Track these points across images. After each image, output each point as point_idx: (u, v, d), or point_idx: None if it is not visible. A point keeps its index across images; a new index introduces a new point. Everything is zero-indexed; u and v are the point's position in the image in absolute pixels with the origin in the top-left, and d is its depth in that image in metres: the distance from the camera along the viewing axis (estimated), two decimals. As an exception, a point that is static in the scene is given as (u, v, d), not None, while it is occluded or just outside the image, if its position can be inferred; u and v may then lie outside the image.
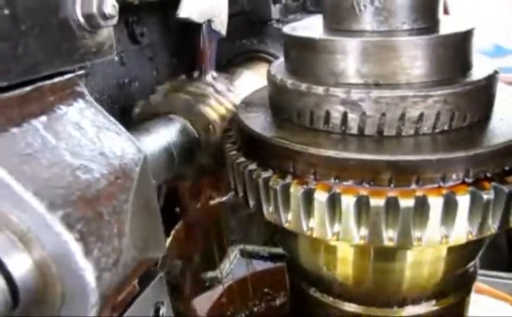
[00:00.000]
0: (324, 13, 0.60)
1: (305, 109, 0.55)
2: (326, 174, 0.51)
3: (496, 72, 0.56)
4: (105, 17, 0.43)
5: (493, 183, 0.49)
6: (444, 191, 0.48)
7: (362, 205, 0.49)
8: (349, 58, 0.53)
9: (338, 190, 0.49)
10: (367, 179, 0.49)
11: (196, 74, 0.75)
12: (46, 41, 0.39)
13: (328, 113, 0.53)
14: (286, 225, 0.53)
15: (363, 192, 0.49)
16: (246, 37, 1.03)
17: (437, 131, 0.52)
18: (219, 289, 1.68)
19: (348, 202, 0.49)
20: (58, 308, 0.39)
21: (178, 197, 0.85)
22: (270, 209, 0.54)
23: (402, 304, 0.63)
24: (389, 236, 0.49)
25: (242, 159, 0.58)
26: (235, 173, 0.59)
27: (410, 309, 0.64)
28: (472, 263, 0.65)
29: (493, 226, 0.50)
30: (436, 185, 0.49)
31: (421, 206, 0.48)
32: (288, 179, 0.52)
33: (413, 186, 0.49)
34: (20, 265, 0.36)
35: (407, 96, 0.50)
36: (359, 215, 0.49)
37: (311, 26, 0.60)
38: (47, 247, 0.35)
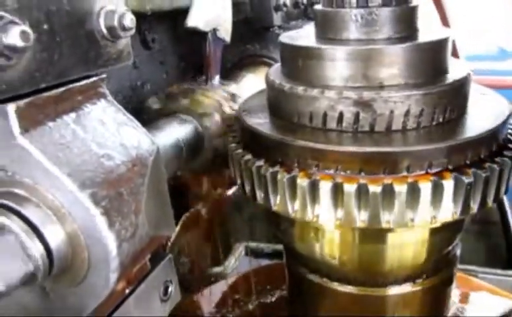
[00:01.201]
0: (322, 24, 0.67)
1: (318, 111, 0.60)
2: (329, 166, 0.57)
3: (469, 74, 0.63)
4: (124, 29, 0.50)
5: (473, 169, 0.56)
6: (431, 177, 0.55)
7: (363, 194, 0.55)
8: (356, 64, 0.60)
9: (339, 180, 0.56)
10: (364, 169, 0.56)
11: (202, 78, 0.82)
12: (76, 50, 0.47)
13: (341, 114, 0.59)
14: (293, 214, 0.59)
15: (362, 180, 0.55)
16: (250, 42, 1.10)
17: (422, 125, 0.59)
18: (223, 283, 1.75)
19: (349, 190, 0.55)
20: (84, 273, 0.47)
21: (186, 189, 0.92)
22: (278, 199, 0.60)
23: (388, 283, 0.70)
24: (386, 219, 0.56)
25: (244, 154, 0.64)
26: (236, 166, 0.66)
27: (396, 288, 0.70)
28: (452, 246, 0.72)
29: (473, 206, 0.57)
30: (424, 172, 0.56)
31: (413, 191, 0.55)
32: (295, 172, 0.58)
33: (404, 173, 0.56)
34: (55, 236, 0.43)
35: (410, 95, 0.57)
36: (358, 203, 0.56)
37: (304, 36, 0.67)
38: (77, 220, 0.43)
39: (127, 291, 0.58)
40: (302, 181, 0.57)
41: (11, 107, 0.40)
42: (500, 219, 1.98)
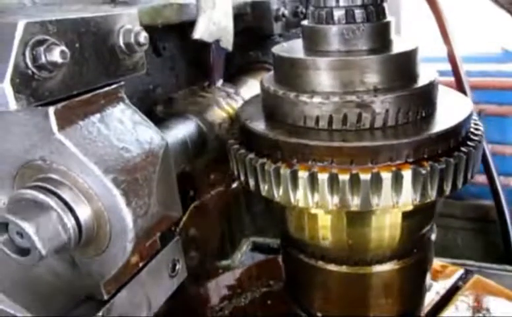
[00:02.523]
0: (309, 38, 0.76)
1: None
2: (322, 159, 0.66)
3: (436, 79, 0.73)
4: (139, 45, 0.61)
5: (430, 162, 0.65)
6: (393, 168, 0.64)
7: (334, 181, 0.65)
8: (338, 73, 0.69)
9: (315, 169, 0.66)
10: (336, 161, 0.65)
11: (207, 83, 0.93)
12: (100, 63, 0.57)
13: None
14: (294, 203, 0.67)
15: (334, 170, 0.65)
16: (252, 50, 1.20)
17: (389, 124, 0.68)
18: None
19: (323, 178, 0.65)
20: (106, 244, 0.57)
21: (192, 182, 1.02)
22: (281, 190, 0.68)
23: (370, 263, 0.79)
24: (355, 203, 0.65)
25: (242, 150, 0.74)
26: (236, 161, 0.75)
27: (378, 267, 0.80)
28: (425, 230, 0.81)
29: (431, 194, 0.66)
30: (386, 164, 0.65)
31: (376, 179, 0.64)
32: (296, 166, 0.67)
33: (369, 165, 0.65)
34: (84, 212, 0.54)
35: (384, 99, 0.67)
36: (331, 188, 0.65)
37: (294, 47, 0.77)
38: (101, 199, 0.53)
39: (141, 265, 0.68)
40: (303, 174, 0.66)
41: (51, 110, 0.51)
42: (498, 218, 2.05)
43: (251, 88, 1.03)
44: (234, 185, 1.12)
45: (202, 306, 1.73)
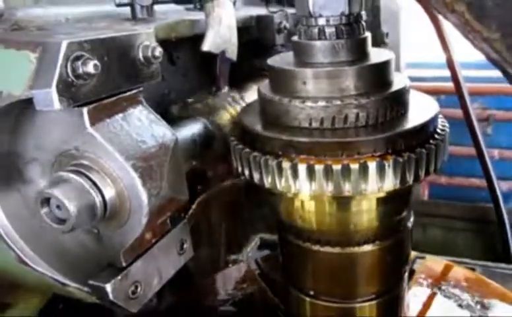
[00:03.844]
0: (298, 51, 0.89)
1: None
2: (318, 153, 0.78)
3: (407, 84, 0.85)
4: (155, 58, 0.75)
5: (407, 153, 0.76)
6: (376, 159, 0.76)
7: (329, 171, 0.76)
8: (323, 81, 0.81)
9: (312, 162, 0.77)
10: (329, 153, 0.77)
11: (214, 88, 1.06)
12: (123, 73, 0.71)
13: (322, 119, 0.80)
14: (294, 191, 0.79)
15: (328, 162, 0.76)
16: (257, 59, 1.33)
17: (370, 123, 0.80)
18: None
19: (319, 169, 0.76)
20: (126, 218, 0.71)
21: (200, 178, 1.15)
22: (283, 181, 0.79)
23: (356, 244, 0.90)
24: (347, 189, 0.77)
25: (247, 149, 0.85)
26: (240, 158, 0.86)
27: (361, 248, 0.91)
28: (402, 215, 0.92)
29: (409, 179, 0.77)
30: (370, 155, 0.77)
31: (363, 168, 0.76)
32: (296, 159, 0.77)
33: (356, 156, 0.77)
34: (109, 191, 0.68)
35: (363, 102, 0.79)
36: (327, 177, 0.76)
37: (286, 59, 0.90)
38: (123, 181, 0.67)
39: (153, 241, 0.81)
40: (302, 166, 0.77)
41: (85, 110, 0.65)
42: (496, 218, 2.14)
43: (254, 93, 1.16)
44: (238, 180, 1.25)
45: (209, 296, 1.86)
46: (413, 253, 1.81)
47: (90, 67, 0.62)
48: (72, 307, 1.56)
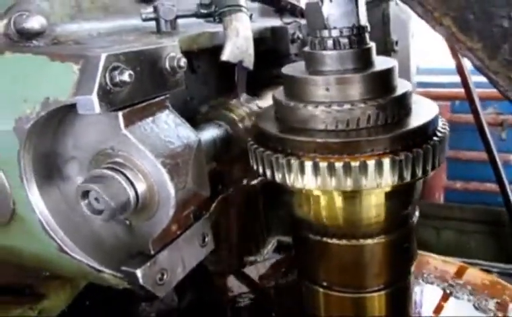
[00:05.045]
0: (309, 60, 0.96)
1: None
2: (322, 152, 0.86)
3: (410, 90, 0.92)
4: (180, 67, 0.83)
5: (404, 152, 0.84)
6: (376, 157, 0.83)
7: (332, 168, 0.84)
8: (333, 87, 0.89)
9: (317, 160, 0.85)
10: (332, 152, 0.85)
11: (233, 95, 1.15)
12: (152, 81, 0.80)
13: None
14: (306, 187, 0.87)
15: (331, 160, 0.84)
16: (273, 67, 1.41)
17: (371, 125, 0.88)
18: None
19: (323, 166, 0.84)
20: (155, 210, 0.80)
21: (220, 178, 1.24)
22: (292, 177, 0.87)
23: (363, 237, 0.97)
24: (348, 184, 0.84)
25: (261, 148, 0.93)
26: (256, 156, 0.94)
27: (369, 240, 0.98)
28: (407, 211, 0.99)
29: (406, 176, 0.84)
30: (369, 154, 0.84)
31: (363, 165, 0.83)
32: (303, 157, 0.84)
33: (357, 155, 0.84)
34: (141, 186, 0.76)
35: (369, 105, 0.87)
36: (330, 173, 0.84)
37: (298, 68, 0.98)
38: (153, 176, 0.76)
39: (178, 233, 0.89)
40: (308, 163, 0.85)
41: (120, 113, 0.74)
42: (509, 221, 2.17)
43: (269, 99, 1.25)
44: (255, 181, 1.33)
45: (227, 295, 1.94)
46: (426, 254, 1.86)
47: (126, 76, 0.71)
48: (97, 305, 1.66)
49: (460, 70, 2.02)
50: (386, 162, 0.83)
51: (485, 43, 0.56)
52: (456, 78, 2.08)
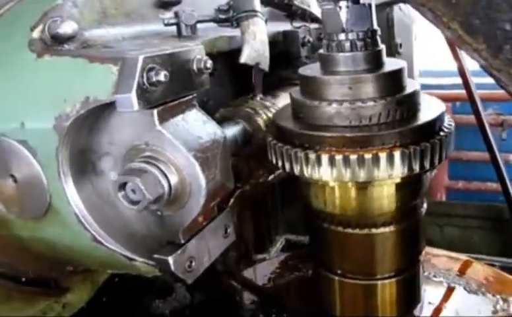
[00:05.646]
0: (324, 62, 1.03)
1: (338, 115, 0.93)
2: (338, 145, 0.92)
3: (418, 89, 0.98)
4: (206, 68, 0.90)
5: (413, 145, 0.90)
6: (387, 150, 0.90)
7: (347, 160, 0.90)
8: (346, 86, 0.96)
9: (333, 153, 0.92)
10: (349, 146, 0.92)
11: (251, 95, 1.22)
12: (182, 80, 0.87)
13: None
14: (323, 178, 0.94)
15: (346, 153, 0.91)
16: (285, 69, 1.48)
17: (382, 121, 0.94)
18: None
19: (339, 158, 0.91)
20: (186, 200, 0.86)
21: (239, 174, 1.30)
22: (309, 169, 0.93)
23: (374, 226, 1.04)
24: (362, 176, 0.91)
25: (276, 142, 1.00)
26: (275, 151, 1.00)
27: (380, 229, 1.05)
28: (416, 201, 1.06)
29: (415, 168, 0.91)
30: (382, 147, 0.91)
31: (376, 158, 0.90)
32: (324, 152, 0.91)
33: (369, 147, 0.91)
34: (173, 178, 0.83)
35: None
36: (345, 165, 0.91)
37: (314, 69, 1.05)
38: (185, 169, 0.82)
39: (204, 224, 0.95)
40: (325, 156, 0.92)
41: (155, 111, 0.81)
42: (510, 217, 2.24)
43: (282, 99, 1.31)
44: (270, 177, 1.39)
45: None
46: (430, 249, 1.92)
47: (161, 76, 0.77)
48: (112, 301, 1.72)
49: (461, 72, 2.08)
50: (397, 154, 0.89)
51: (489, 44, 0.62)
52: (458, 80, 2.15)
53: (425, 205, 1.11)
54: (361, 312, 1.13)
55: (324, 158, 0.92)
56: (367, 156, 0.90)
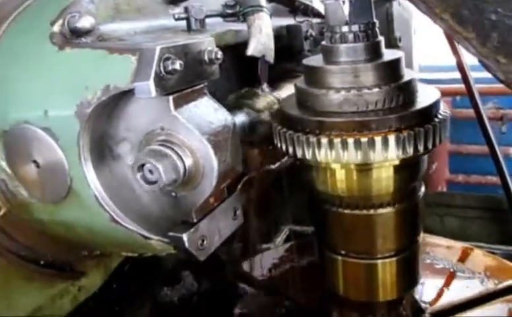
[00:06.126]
0: (325, 52, 1.10)
1: (339, 102, 0.99)
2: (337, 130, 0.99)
3: (415, 77, 1.05)
4: (217, 59, 0.96)
5: (407, 130, 0.96)
6: (382, 134, 0.96)
7: (344, 143, 0.97)
8: (348, 74, 1.02)
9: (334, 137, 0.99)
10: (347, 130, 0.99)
11: (256, 86, 1.29)
12: (194, 70, 0.93)
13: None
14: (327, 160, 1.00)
15: (345, 136, 0.97)
16: (288, 62, 1.54)
17: (380, 107, 1.01)
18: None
19: (337, 141, 0.97)
20: (199, 181, 0.92)
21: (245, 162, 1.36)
22: (310, 152, 0.99)
23: (374, 206, 1.10)
24: (358, 158, 0.97)
25: (286, 129, 1.06)
26: (280, 137, 1.07)
27: (380, 210, 1.11)
28: (414, 183, 1.13)
29: (410, 151, 0.96)
30: (378, 131, 0.97)
31: (372, 141, 0.96)
32: (323, 136, 0.97)
33: (366, 132, 0.97)
34: (188, 160, 0.89)
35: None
36: (343, 148, 0.97)
37: (318, 59, 1.11)
38: (199, 152, 0.88)
39: (215, 205, 1.02)
40: (324, 139, 0.98)
41: (171, 97, 0.87)
42: (508, 208, 2.30)
43: (286, 90, 1.37)
44: (275, 166, 1.45)
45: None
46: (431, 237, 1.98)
47: (177, 65, 0.84)
48: (122, 288, 1.79)
49: (460, 66, 2.14)
50: (392, 138, 0.95)
51: (478, 33, 0.68)
52: (457, 75, 2.20)
53: (423, 189, 1.17)
54: (363, 291, 1.20)
55: (324, 141, 0.98)
56: (364, 139, 0.96)
